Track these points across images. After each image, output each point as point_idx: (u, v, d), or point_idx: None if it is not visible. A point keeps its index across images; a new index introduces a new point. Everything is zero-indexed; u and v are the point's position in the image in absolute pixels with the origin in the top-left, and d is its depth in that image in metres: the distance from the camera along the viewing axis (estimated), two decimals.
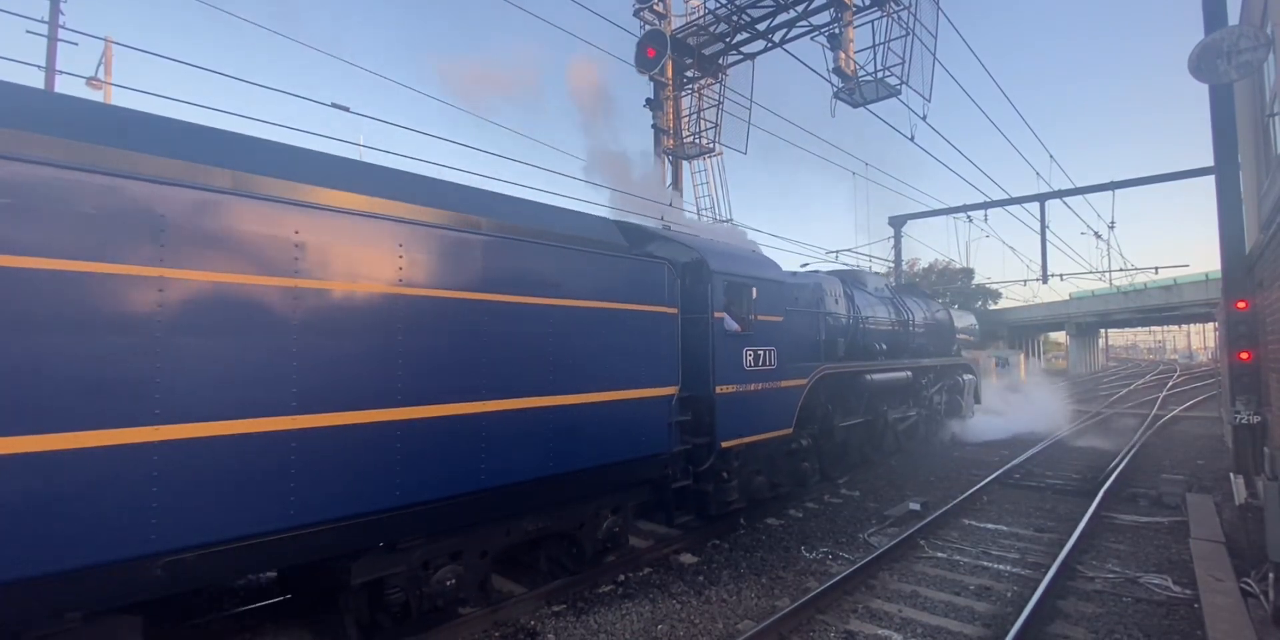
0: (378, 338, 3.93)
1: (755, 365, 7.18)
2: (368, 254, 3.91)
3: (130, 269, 3.03)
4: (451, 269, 4.34)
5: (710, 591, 5.50)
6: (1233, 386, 7.23)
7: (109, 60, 11.65)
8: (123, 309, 3.00)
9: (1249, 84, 8.07)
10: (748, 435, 6.97)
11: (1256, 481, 6.52)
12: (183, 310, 3.17)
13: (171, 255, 3.16)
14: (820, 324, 9.43)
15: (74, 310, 2.85)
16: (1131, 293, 38.98)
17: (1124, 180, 17.23)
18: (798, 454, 8.14)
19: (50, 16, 9.31)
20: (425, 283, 4.19)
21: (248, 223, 3.43)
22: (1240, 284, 7.23)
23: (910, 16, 9.61)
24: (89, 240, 2.92)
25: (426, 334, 4.17)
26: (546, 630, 4.79)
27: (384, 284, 3.97)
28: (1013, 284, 51.76)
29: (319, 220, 3.73)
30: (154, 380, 3.06)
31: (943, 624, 4.87)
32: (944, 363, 13.02)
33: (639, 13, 11.48)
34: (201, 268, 3.25)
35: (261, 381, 3.42)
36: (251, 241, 3.43)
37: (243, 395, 3.35)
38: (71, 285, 2.85)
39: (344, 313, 3.80)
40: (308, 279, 3.64)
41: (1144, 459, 11.64)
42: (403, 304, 4.05)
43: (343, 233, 3.82)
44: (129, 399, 2.98)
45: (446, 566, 4.55)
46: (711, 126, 12.02)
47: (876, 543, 6.73)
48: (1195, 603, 5.02)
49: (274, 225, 3.53)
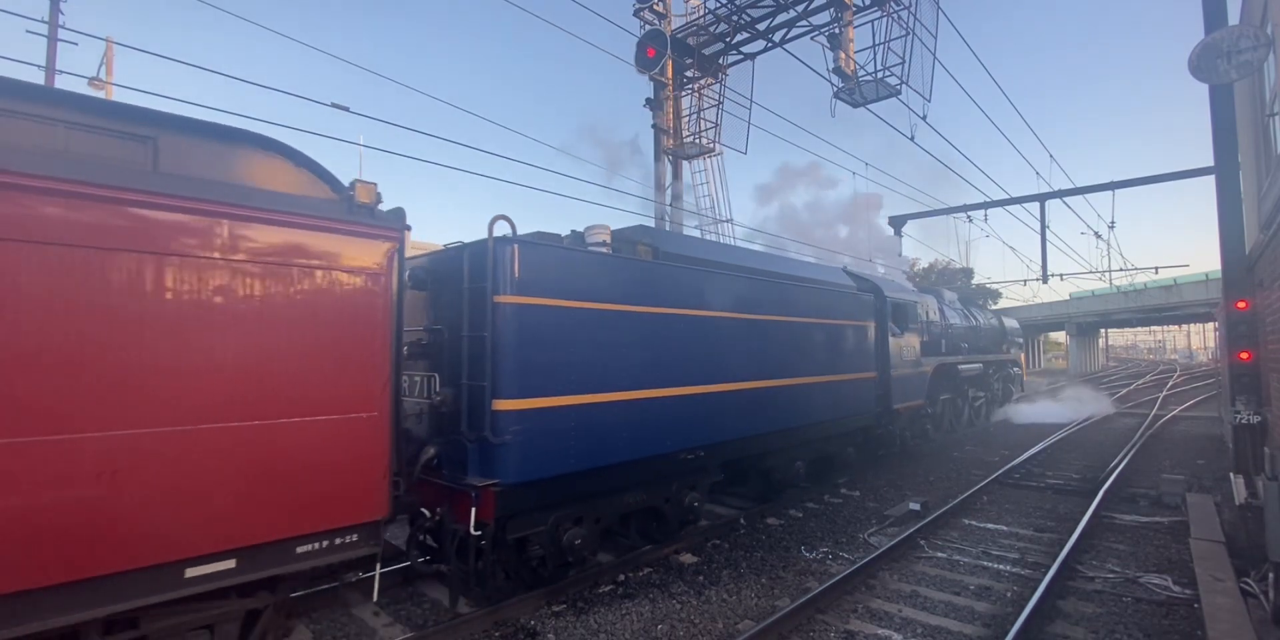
0: (727, 340, 6.72)
1: (907, 357, 10.69)
2: (722, 296, 6.76)
3: (620, 307, 5.60)
4: (756, 301, 7.20)
5: (710, 591, 5.50)
6: (1233, 386, 7.23)
7: (110, 60, 11.66)
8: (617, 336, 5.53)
9: (1249, 84, 8.07)
10: (907, 402, 10.64)
11: (1256, 481, 6.52)
12: (641, 331, 5.74)
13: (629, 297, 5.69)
14: (931, 329, 12.31)
15: (603, 335, 5.37)
16: (1131, 293, 38.96)
17: (1124, 180, 17.22)
18: (923, 417, 11.95)
19: (50, 16, 9.32)
20: (751, 310, 7.12)
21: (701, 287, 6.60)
22: (1240, 284, 7.22)
23: (910, 16, 9.61)
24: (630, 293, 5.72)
25: (752, 339, 7.09)
26: (546, 630, 4.79)
27: (728, 312, 6.79)
28: (1013, 284, 51.80)
29: (717, 279, 6.77)
30: (622, 369, 5.50)
31: (943, 624, 4.87)
32: (1001, 358, 17.11)
33: (639, 13, 11.48)
34: (645, 305, 5.84)
35: (659, 369, 5.87)
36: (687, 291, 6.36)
37: (653, 376, 5.79)
38: (598, 319, 5.36)
39: (715, 327, 6.58)
40: (713, 311, 6.60)
41: (1144, 459, 11.64)
42: (735, 322, 6.86)
43: (717, 283, 6.75)
44: (611, 379, 5.40)
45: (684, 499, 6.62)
46: (711, 126, 12.02)
47: (876, 543, 6.73)
48: (1195, 603, 5.01)
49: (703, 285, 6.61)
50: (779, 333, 7.48)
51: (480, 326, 4.68)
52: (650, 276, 5.89)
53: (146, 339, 3.10)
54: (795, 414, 7.73)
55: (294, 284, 3.60)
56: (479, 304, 4.72)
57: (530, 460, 4.73)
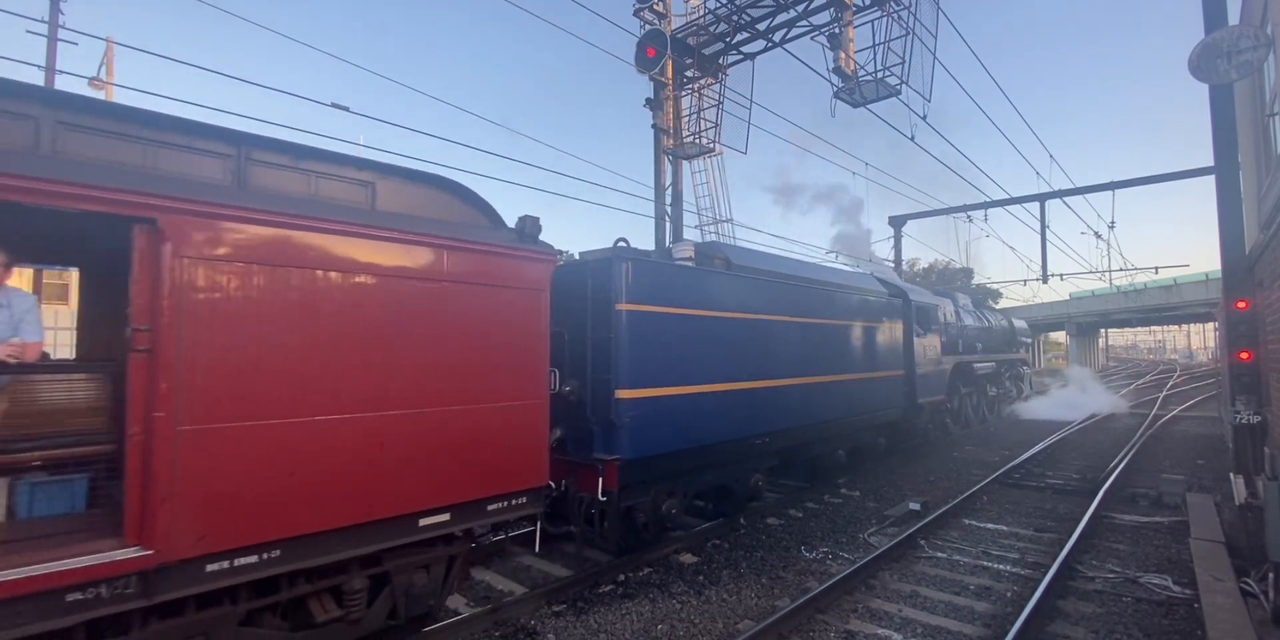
0: (784, 341, 7.64)
1: (930, 356, 11.59)
2: (780, 302, 7.70)
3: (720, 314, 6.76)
4: (807, 306, 8.14)
5: (710, 591, 5.50)
6: (1233, 386, 7.22)
7: (110, 60, 11.66)
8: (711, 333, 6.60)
9: (1249, 84, 8.07)
10: (930, 398, 11.53)
11: (1256, 481, 6.52)
12: (719, 333, 6.68)
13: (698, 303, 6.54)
14: (949, 331, 13.11)
15: (690, 336, 6.32)
16: (1131, 293, 38.96)
17: (1124, 180, 17.24)
18: (943, 412, 12.91)
19: (50, 16, 9.32)
20: (803, 314, 8.05)
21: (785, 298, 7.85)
22: (1240, 284, 7.22)
23: (910, 16, 9.60)
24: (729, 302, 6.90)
25: (804, 340, 7.99)
26: (546, 630, 4.79)
27: (785, 316, 7.71)
28: (1013, 284, 51.81)
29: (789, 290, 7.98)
30: (705, 365, 6.43)
31: (943, 624, 4.87)
32: (1012, 357, 18.02)
33: (639, 13, 11.47)
34: (723, 310, 6.79)
35: (733, 365, 6.79)
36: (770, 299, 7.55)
37: (728, 371, 6.71)
38: (686, 322, 6.30)
39: (775, 329, 7.51)
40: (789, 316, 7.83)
41: (1144, 458, 11.64)
42: (790, 325, 7.77)
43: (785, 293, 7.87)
44: (697, 373, 6.33)
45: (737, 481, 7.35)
46: (711, 126, 12.01)
47: (876, 542, 6.73)
48: (1195, 603, 5.01)
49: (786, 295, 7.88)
50: (826, 334, 8.51)
51: (605, 329, 5.64)
52: (725, 286, 6.86)
53: (402, 345, 3.97)
54: (839, 407, 8.72)
55: (488, 298, 4.47)
56: (604, 311, 5.66)
57: (642, 440, 5.69)
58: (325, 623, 3.84)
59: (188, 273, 3.17)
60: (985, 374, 15.37)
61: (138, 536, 3.05)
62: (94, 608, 2.94)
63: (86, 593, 2.91)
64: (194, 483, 3.15)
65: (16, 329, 3.38)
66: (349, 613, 3.91)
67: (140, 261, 3.10)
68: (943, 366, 12.28)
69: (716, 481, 6.89)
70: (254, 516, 3.35)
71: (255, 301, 3.39)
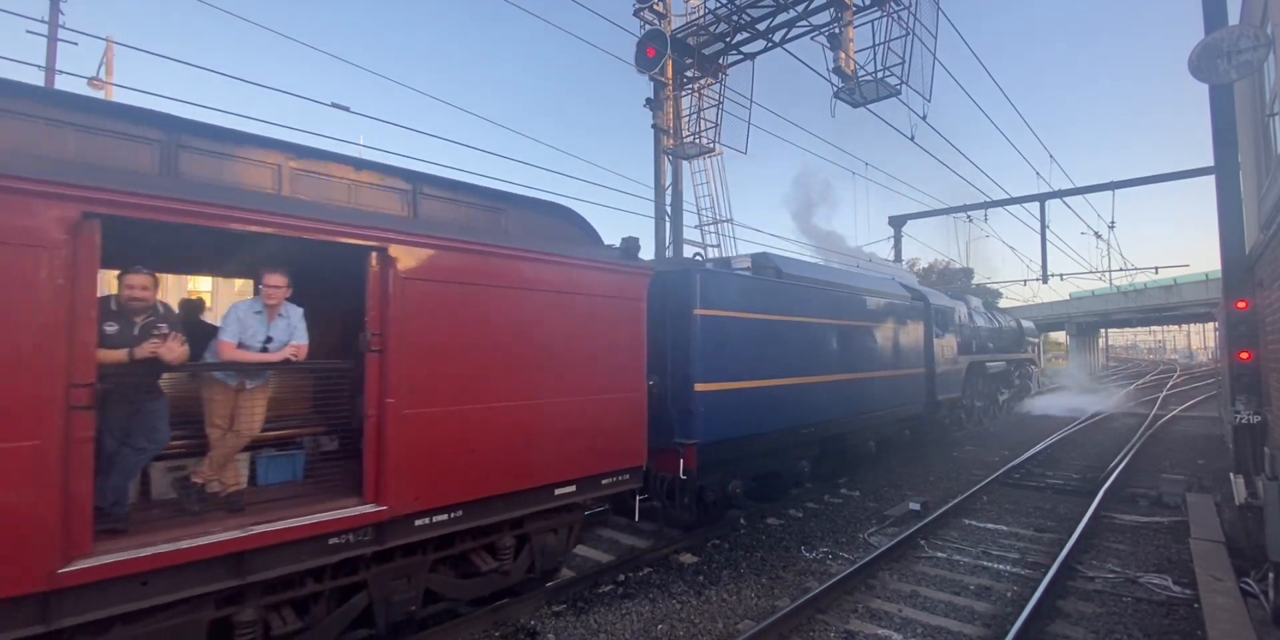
0: (825, 341, 8.49)
1: (947, 356, 12.35)
2: (821, 306, 8.53)
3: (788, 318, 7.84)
4: (843, 309, 8.97)
5: (710, 591, 5.50)
6: (1233, 386, 7.22)
7: (110, 60, 11.66)
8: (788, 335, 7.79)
9: (1249, 84, 8.06)
10: (948, 395, 12.33)
11: (1256, 481, 6.51)
12: (772, 334, 7.51)
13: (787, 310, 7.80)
14: (964, 331, 13.85)
15: (749, 337, 7.17)
16: (1131, 293, 38.91)
17: (1124, 180, 17.23)
18: (959, 408, 13.56)
19: (50, 16, 9.31)
20: (840, 317, 8.86)
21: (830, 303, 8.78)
22: (1240, 284, 7.21)
23: (910, 16, 9.58)
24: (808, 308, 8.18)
25: (842, 340, 8.82)
26: (546, 630, 4.79)
27: (825, 319, 8.52)
28: (1013, 284, 51.78)
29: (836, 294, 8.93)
30: (761, 362, 7.31)
31: (943, 624, 4.87)
32: (1020, 357, 18.72)
33: (639, 13, 11.45)
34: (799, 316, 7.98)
35: (784, 363, 7.67)
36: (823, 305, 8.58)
37: (781, 368, 7.59)
38: (746, 325, 7.15)
39: (818, 331, 8.37)
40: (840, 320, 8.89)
41: (1144, 459, 11.64)
42: (830, 327, 8.59)
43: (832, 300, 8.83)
44: (756, 369, 7.21)
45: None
46: (711, 126, 11.99)
47: (876, 543, 6.73)
48: (1195, 603, 5.02)
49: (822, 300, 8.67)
50: (861, 335, 9.38)
51: (683, 331, 6.50)
52: (778, 292, 7.77)
53: (544, 345, 4.80)
54: (871, 401, 9.58)
55: (603, 308, 5.29)
56: (682, 315, 6.51)
57: (714, 427, 6.57)
58: (484, 573, 4.68)
59: (405, 289, 4.00)
60: (997, 373, 16.20)
61: (374, 496, 3.91)
62: (346, 550, 3.82)
63: (341, 538, 3.79)
64: (411, 454, 4.00)
65: (292, 334, 4.13)
66: (501, 565, 4.77)
67: (373, 281, 3.94)
68: (959, 366, 13.06)
69: (770, 467, 7.76)
70: (447, 483, 4.21)
71: (449, 311, 4.24)
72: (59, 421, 2.85)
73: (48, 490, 2.82)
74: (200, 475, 3.86)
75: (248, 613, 3.57)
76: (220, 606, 3.50)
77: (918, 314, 11.34)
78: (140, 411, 3.51)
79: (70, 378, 2.89)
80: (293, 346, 4.07)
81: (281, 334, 4.09)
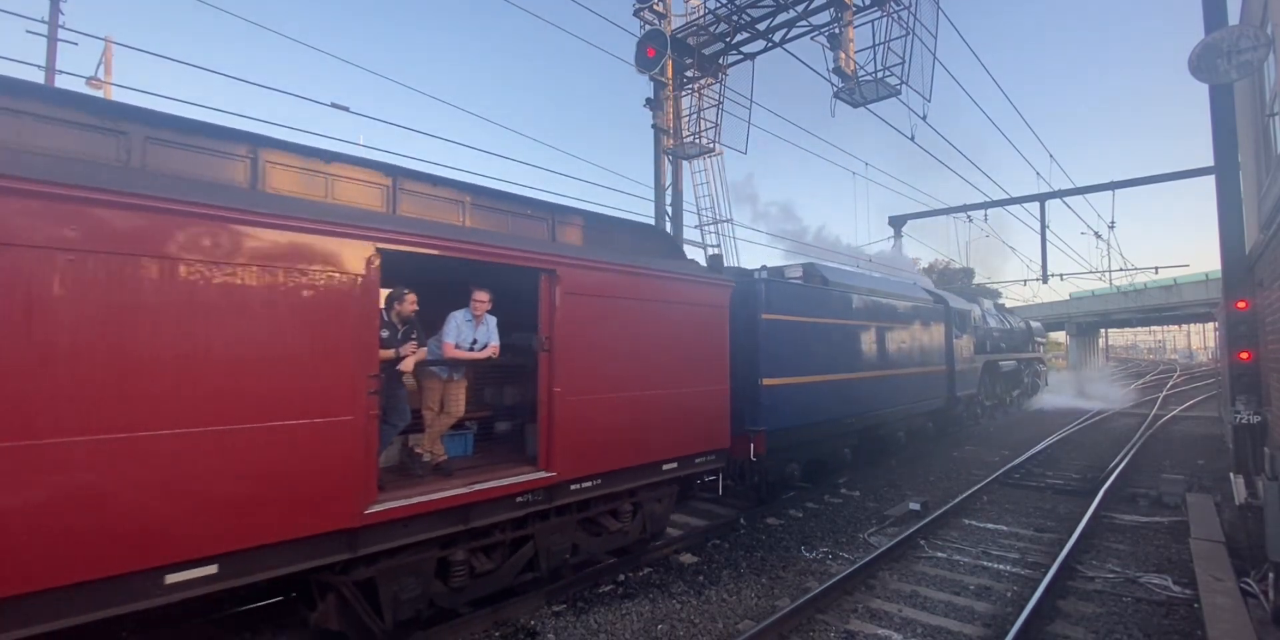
0: (863, 341, 9.58)
1: (965, 355, 13.40)
2: (859, 309, 9.61)
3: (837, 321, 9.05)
4: (878, 312, 10.05)
5: (710, 591, 5.50)
6: (1233, 386, 7.21)
7: (109, 60, 11.65)
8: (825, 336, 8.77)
9: (1249, 84, 8.06)
10: (965, 391, 13.45)
11: (1256, 481, 6.50)
12: (821, 335, 8.56)
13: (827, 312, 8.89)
14: (978, 332, 14.77)
15: (802, 337, 8.21)
16: (1131, 293, 38.88)
17: (1124, 180, 17.24)
18: (975, 404, 14.73)
19: (50, 16, 9.31)
20: (875, 319, 9.98)
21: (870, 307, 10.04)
22: (1240, 284, 7.21)
23: (910, 16, 9.58)
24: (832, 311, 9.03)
25: (877, 341, 9.97)
26: (546, 630, 4.79)
27: (863, 321, 9.64)
28: (1013, 284, 51.71)
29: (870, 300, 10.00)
30: (812, 360, 8.33)
31: (943, 624, 4.87)
32: (1030, 356, 19.85)
33: (639, 13, 11.44)
34: (844, 319, 9.16)
35: (831, 360, 8.72)
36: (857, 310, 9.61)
37: (828, 365, 8.60)
38: (799, 327, 8.21)
39: (857, 332, 9.47)
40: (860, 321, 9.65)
41: (1144, 459, 11.64)
42: (867, 328, 9.69)
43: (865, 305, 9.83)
44: (807, 366, 8.22)
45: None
46: (711, 126, 11.99)
47: (876, 542, 6.73)
48: (1195, 603, 5.02)
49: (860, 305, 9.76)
50: (893, 336, 10.42)
51: (751, 333, 7.45)
52: (825, 298, 8.83)
53: (656, 344, 5.90)
54: (902, 395, 10.65)
55: (697, 314, 6.39)
56: (750, 319, 7.46)
57: (777, 416, 7.58)
58: (612, 532, 5.83)
59: (566, 302, 5.07)
60: (1009, 371, 17.33)
61: (546, 464, 5.00)
62: (527, 507, 4.91)
63: (524, 497, 4.88)
64: (572, 432, 5.09)
65: (490, 337, 5.24)
66: (622, 526, 5.91)
67: (544, 296, 5.02)
68: (975, 364, 14.26)
69: (820, 453, 8.79)
70: (592, 456, 5.30)
71: (594, 318, 5.31)
72: (363, 402, 3.88)
73: (358, 452, 3.85)
74: (421, 448, 4.99)
75: (459, 554, 4.63)
76: (443, 549, 4.56)
77: (939, 316, 12.38)
78: (395, 396, 4.63)
79: (367, 370, 3.92)
80: (492, 347, 5.25)
81: (484, 337, 5.21)
